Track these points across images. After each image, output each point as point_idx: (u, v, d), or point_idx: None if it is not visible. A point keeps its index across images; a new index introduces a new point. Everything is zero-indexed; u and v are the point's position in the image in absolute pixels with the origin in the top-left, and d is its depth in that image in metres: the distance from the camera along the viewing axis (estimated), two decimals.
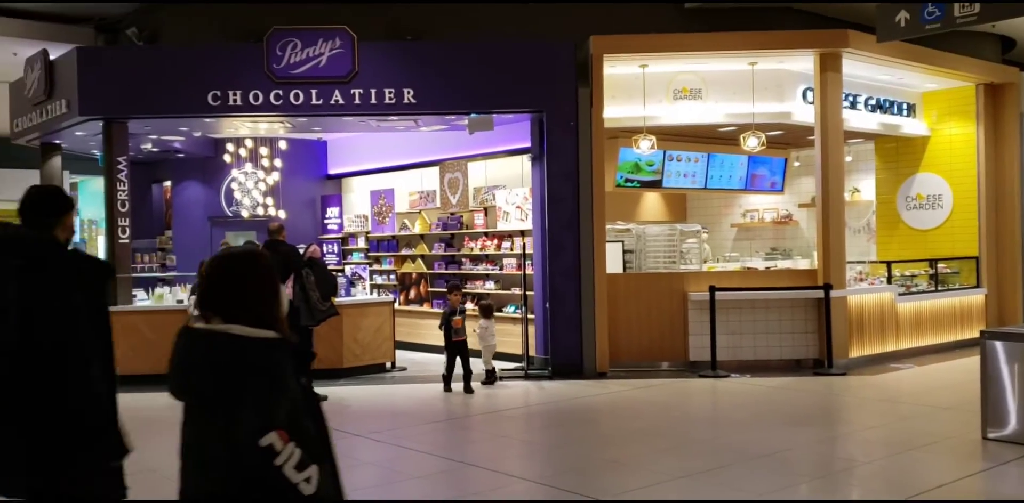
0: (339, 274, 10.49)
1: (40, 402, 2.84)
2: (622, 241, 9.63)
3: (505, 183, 10.70)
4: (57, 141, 10.83)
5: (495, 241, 10.56)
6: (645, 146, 9.40)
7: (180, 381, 2.31)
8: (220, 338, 2.22)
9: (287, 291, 7.74)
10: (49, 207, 3.04)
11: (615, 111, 9.55)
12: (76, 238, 12.44)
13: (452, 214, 11.16)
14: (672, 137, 10.44)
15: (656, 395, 8.10)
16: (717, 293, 8.92)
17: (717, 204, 13.21)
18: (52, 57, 9.70)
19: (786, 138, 11.02)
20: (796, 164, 12.29)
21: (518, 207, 10.15)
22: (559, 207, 9.13)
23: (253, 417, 2.12)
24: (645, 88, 9.46)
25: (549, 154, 9.17)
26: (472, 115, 9.30)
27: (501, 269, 10.39)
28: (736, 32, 9.33)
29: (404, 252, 11.81)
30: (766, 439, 6.20)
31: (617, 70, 9.49)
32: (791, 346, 9.29)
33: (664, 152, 10.40)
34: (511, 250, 10.27)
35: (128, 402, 8.29)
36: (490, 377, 8.69)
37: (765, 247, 12.75)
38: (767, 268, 10.56)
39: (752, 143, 9.37)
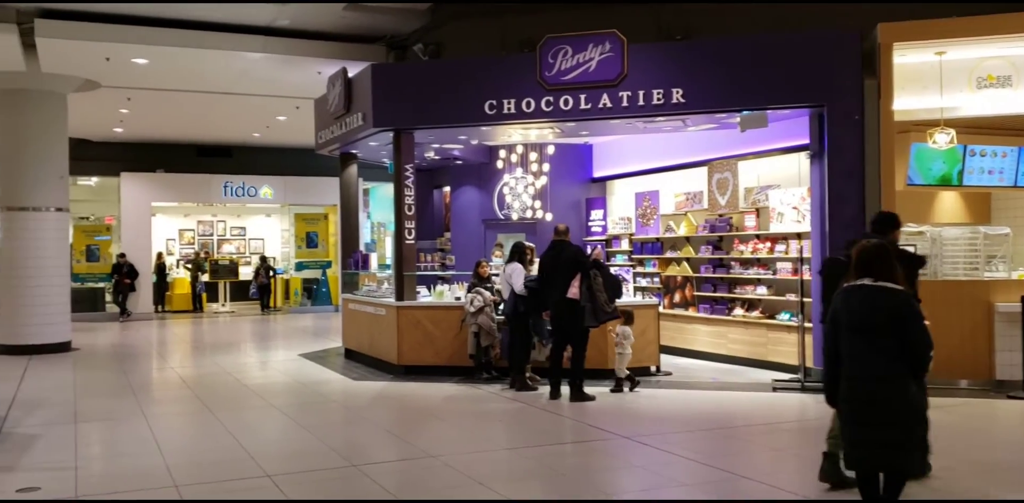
0: None
1: None
2: (914, 245, 8.76)
3: (779, 182, 10.19)
4: (354, 151, 11.91)
5: (768, 244, 10.09)
6: (942, 140, 8.53)
7: (862, 316, 3.99)
8: (886, 289, 3.96)
9: (573, 291, 7.91)
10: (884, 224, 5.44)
11: (905, 103, 8.75)
12: (367, 238, 13.61)
13: (720, 216, 10.82)
14: (974, 130, 9.38)
15: (957, 418, 7.29)
16: None
17: None
18: (350, 74, 10.68)
19: None
20: None
21: (794, 208, 9.62)
22: (841, 208, 8.53)
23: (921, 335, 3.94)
24: (942, 77, 8.57)
25: (830, 151, 8.60)
26: (744, 112, 8.95)
27: (774, 273, 9.91)
28: None
29: (669, 255, 11.65)
30: None
31: (907, 59, 8.69)
32: None
33: (964, 147, 9.35)
34: (785, 253, 9.76)
35: (413, 391, 8.93)
36: (619, 385, 8.49)
37: None
38: None
39: None
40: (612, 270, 11.41)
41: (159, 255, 19.85)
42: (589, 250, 8.66)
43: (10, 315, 12.42)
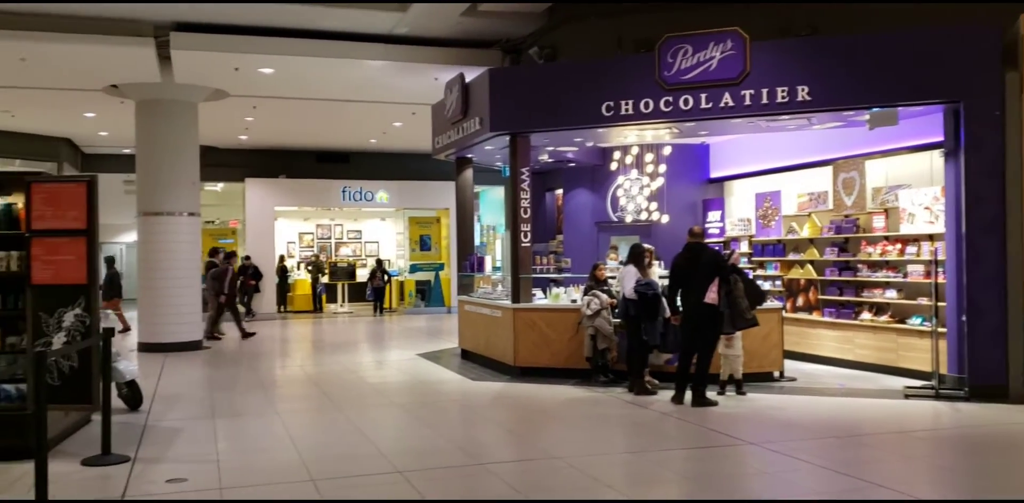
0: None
1: None
2: None
3: (910, 182, 9.76)
4: (469, 155, 12.08)
5: (898, 246, 9.67)
6: None
7: None
8: None
9: (712, 296, 7.76)
10: None
11: None
12: (476, 241, 13.66)
13: (847, 216, 10.45)
14: None
15: None
16: None
17: None
18: (467, 79, 10.84)
19: None
20: None
21: (926, 208, 9.19)
22: (980, 208, 8.10)
23: None
24: None
25: (968, 148, 8.18)
26: (874, 109, 8.62)
27: (904, 276, 9.49)
28: None
29: (791, 257, 11.32)
30: None
31: None
32: None
33: None
34: (917, 256, 9.34)
35: (531, 392, 8.95)
36: (723, 389, 8.32)
37: None
38: None
39: None
40: None
41: (281, 258, 20.66)
42: (726, 254, 8.47)
43: (148, 315, 13.16)
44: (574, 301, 9.76)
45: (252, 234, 19.96)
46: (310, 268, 20.88)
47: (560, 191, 14.34)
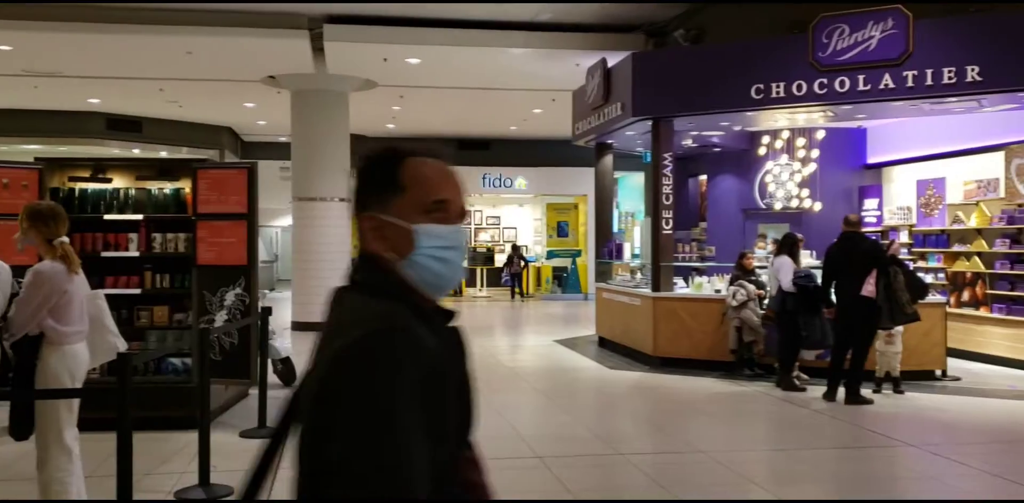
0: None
1: None
2: None
3: None
4: (609, 141, 11.94)
5: None
6: None
7: None
8: None
9: (869, 289, 7.37)
10: None
11: None
12: (614, 228, 13.44)
13: (1020, 206, 9.65)
14: None
15: None
16: None
17: None
18: (609, 65, 10.69)
19: None
20: None
21: None
22: None
23: None
24: None
25: None
26: None
27: None
28: None
29: (956, 248, 10.57)
30: None
31: None
32: None
33: None
34: None
35: (671, 383, 8.78)
36: (879, 386, 7.85)
37: None
38: None
39: None
40: None
41: None
42: (885, 243, 8.00)
43: (303, 295, 13.79)
44: (718, 291, 9.49)
45: None
46: None
47: (704, 177, 13.97)
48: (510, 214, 23.38)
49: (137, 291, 6.74)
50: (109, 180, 6.98)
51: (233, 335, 6.63)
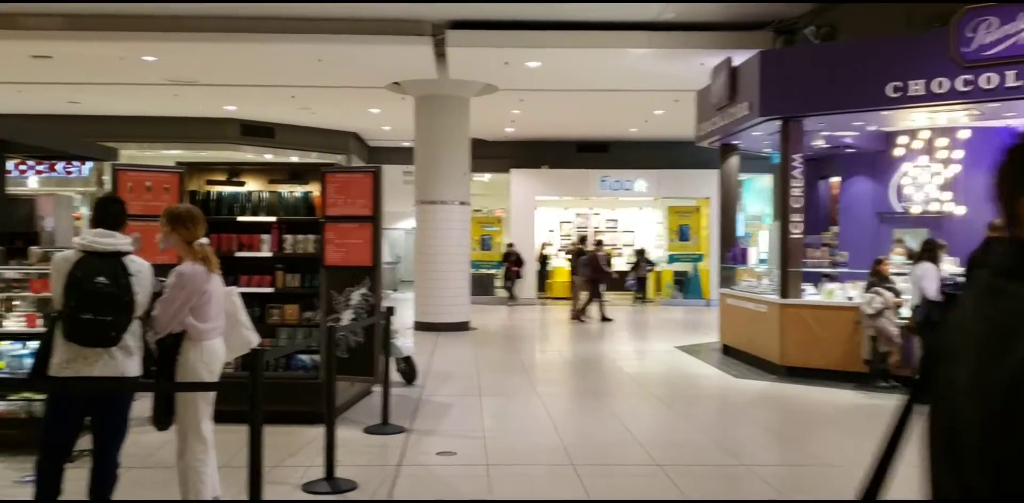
0: None
1: None
2: None
3: None
4: (735, 142, 11.62)
5: None
6: None
7: None
8: None
9: None
10: None
11: None
12: (739, 232, 12.99)
13: None
14: None
15: None
16: None
17: None
18: (735, 63, 10.40)
19: None
20: None
21: None
22: None
23: None
24: None
25: None
26: None
27: None
28: None
29: None
30: None
31: None
32: None
33: None
34: None
35: (799, 394, 8.42)
36: None
37: None
38: None
39: None
40: None
41: (542, 245, 21.22)
42: None
43: (424, 296, 14.06)
44: (850, 298, 9.06)
45: (515, 222, 20.69)
46: (568, 256, 21.25)
47: (836, 179, 13.38)
48: (628, 217, 23.12)
49: (270, 290, 7.03)
50: (243, 183, 7.31)
51: (358, 334, 6.81)
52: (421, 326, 13.86)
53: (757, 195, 21.32)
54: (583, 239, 18.38)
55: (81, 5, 10.74)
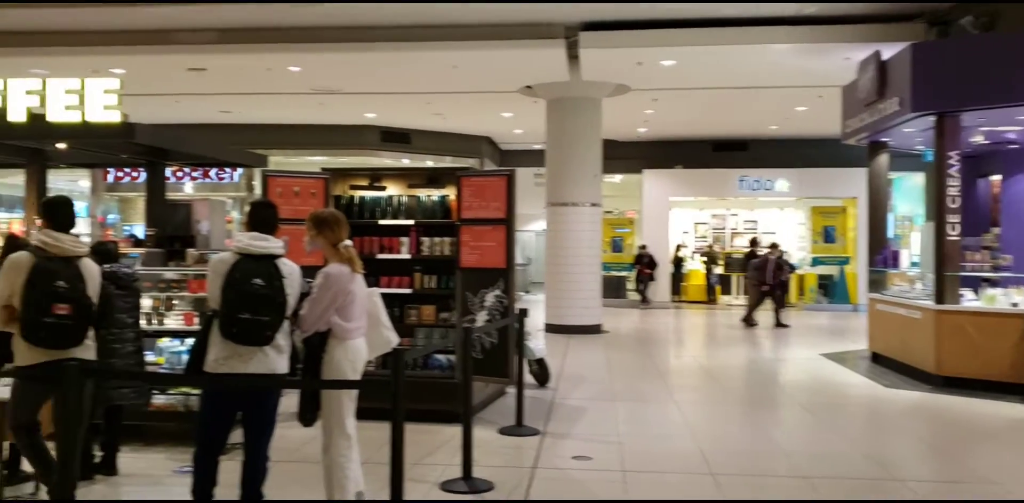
0: None
1: None
2: None
3: None
4: (884, 139, 11.03)
5: None
6: None
7: None
8: None
9: None
10: None
11: None
12: (889, 233, 12.31)
13: None
14: None
15: None
16: None
17: None
18: (884, 57, 9.88)
19: None
20: None
21: None
22: None
23: None
24: None
25: None
26: None
27: None
28: None
29: None
30: None
31: None
32: None
33: None
34: None
35: (957, 405, 7.93)
36: None
37: None
38: None
39: None
40: None
41: (677, 247, 20.84)
42: None
43: (555, 298, 14.08)
44: (1015, 305, 8.42)
45: (648, 224, 20.40)
46: (704, 258, 20.78)
47: (996, 177, 12.48)
48: (768, 218, 22.36)
49: (408, 291, 7.20)
50: (384, 188, 7.52)
51: (493, 335, 6.87)
52: (552, 328, 13.87)
53: (909, 194, 20.17)
54: (754, 241, 17.87)
55: (232, 19, 11.37)
